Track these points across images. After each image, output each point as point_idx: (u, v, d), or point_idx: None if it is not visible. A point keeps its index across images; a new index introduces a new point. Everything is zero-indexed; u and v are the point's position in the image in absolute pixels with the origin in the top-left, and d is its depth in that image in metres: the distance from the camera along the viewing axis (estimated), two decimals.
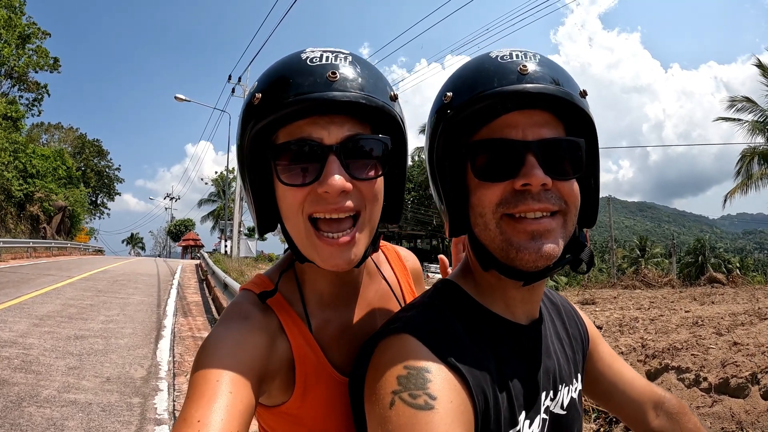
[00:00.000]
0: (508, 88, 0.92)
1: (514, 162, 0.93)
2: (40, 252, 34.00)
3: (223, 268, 18.38)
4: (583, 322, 1.29)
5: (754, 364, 4.71)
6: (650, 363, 5.53)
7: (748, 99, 26.71)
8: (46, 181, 42.03)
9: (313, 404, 1.07)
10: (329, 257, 0.99)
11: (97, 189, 68.02)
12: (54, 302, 12.64)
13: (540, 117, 0.95)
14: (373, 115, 1.02)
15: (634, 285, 18.48)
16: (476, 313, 1.01)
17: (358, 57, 1.05)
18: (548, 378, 1.05)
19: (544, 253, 0.91)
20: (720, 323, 7.12)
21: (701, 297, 12.20)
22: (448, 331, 0.94)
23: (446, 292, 1.06)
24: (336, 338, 1.13)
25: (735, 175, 27.66)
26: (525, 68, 0.94)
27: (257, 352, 0.97)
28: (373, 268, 1.28)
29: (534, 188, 0.91)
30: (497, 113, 0.95)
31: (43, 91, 47.81)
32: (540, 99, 0.93)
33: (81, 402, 5.83)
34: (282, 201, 1.03)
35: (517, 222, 0.93)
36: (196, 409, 0.82)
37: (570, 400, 1.10)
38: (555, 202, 0.93)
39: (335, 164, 0.96)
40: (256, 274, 1.21)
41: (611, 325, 8.19)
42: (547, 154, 0.93)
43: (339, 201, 0.97)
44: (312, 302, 1.14)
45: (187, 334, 10.22)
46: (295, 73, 0.98)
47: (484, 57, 1.01)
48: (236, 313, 1.05)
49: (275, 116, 0.96)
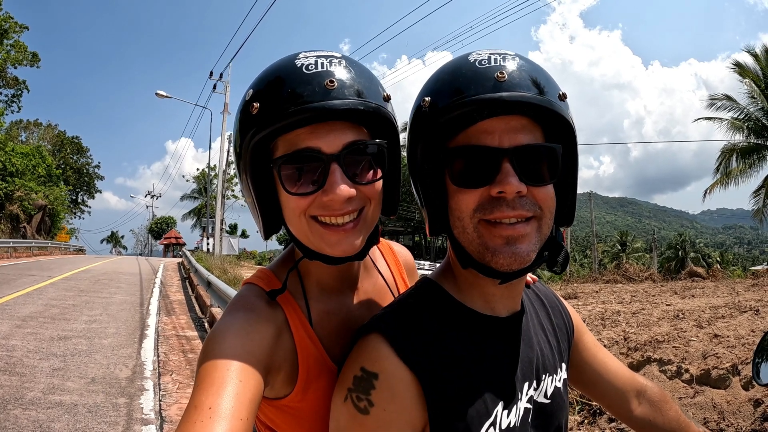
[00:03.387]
0: (485, 96, 0.93)
1: (489, 169, 0.94)
2: (20, 252, 33.43)
3: (206, 266, 18.29)
4: (568, 313, 1.32)
5: (734, 355, 4.80)
6: (633, 355, 5.62)
7: (728, 97, 27.04)
8: (26, 179, 41.36)
9: (314, 398, 1.09)
10: (337, 243, 1.03)
11: (77, 187, 67.02)
12: (36, 303, 12.47)
13: (517, 122, 0.96)
14: (369, 118, 1.04)
15: (616, 279, 18.67)
16: (454, 309, 1.05)
17: (351, 60, 1.07)
18: (530, 368, 1.09)
19: (518, 257, 0.94)
20: (701, 316, 7.25)
21: (682, 291, 12.37)
22: (418, 331, 0.99)
23: (426, 290, 1.10)
24: (335, 332, 1.16)
25: (714, 172, 28.03)
26: (502, 75, 0.94)
27: (264, 343, 1.00)
28: (369, 263, 1.32)
29: (509, 195, 0.93)
30: (474, 120, 0.96)
31: (22, 87, 47.15)
32: (518, 106, 0.93)
33: (67, 403, 5.77)
34: (286, 207, 1.06)
35: (493, 227, 0.95)
36: (207, 396, 0.84)
37: (554, 389, 1.14)
38: (530, 208, 0.95)
39: (338, 173, 0.99)
40: (260, 269, 1.23)
41: (594, 318, 8.30)
42: (523, 160, 0.94)
43: (344, 207, 1.01)
44: (313, 297, 1.16)
45: (171, 333, 10.14)
46: (293, 81, 1.00)
47: (462, 60, 1.02)
48: (243, 304, 1.07)
49: (276, 127, 0.98)
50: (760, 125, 26.22)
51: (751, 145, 26.49)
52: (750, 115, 26.43)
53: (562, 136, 1.01)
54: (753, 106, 26.38)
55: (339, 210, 1.00)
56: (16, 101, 47.00)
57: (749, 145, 26.55)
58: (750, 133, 26.47)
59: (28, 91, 47.73)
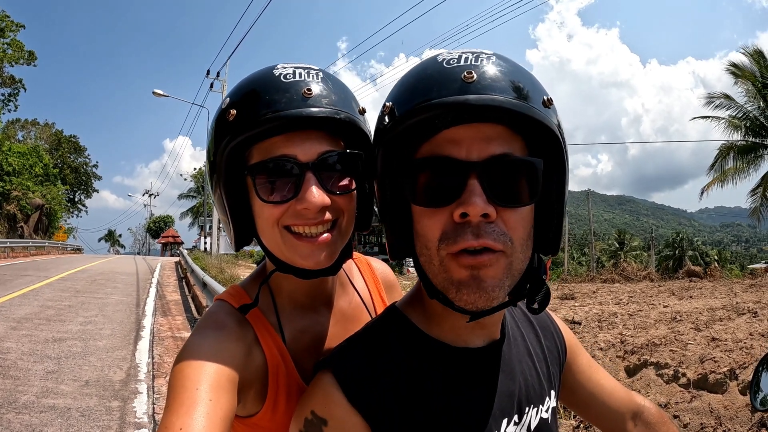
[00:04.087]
0: (447, 99, 0.79)
1: (453, 186, 0.81)
2: (17, 252, 33.37)
3: (203, 265, 18.25)
4: (560, 333, 1.23)
5: (732, 359, 4.78)
6: (629, 359, 5.60)
7: (726, 96, 27.00)
8: (23, 178, 41.31)
9: (283, 416, 1.08)
10: (309, 255, 1.01)
11: (74, 186, 66.84)
12: (32, 304, 12.45)
13: (491, 131, 0.82)
14: (345, 129, 1.04)
15: (613, 279, 18.72)
16: (421, 343, 0.95)
17: (327, 73, 1.08)
18: (510, 402, 0.98)
19: (484, 293, 0.81)
20: (698, 318, 7.24)
21: (680, 291, 12.38)
22: (377, 370, 0.90)
23: (390, 321, 1.00)
24: (308, 350, 1.15)
25: (711, 170, 28.03)
26: (470, 75, 0.80)
27: (234, 361, 0.99)
28: (345, 279, 1.31)
29: (473, 219, 0.79)
30: (437, 128, 0.84)
31: (19, 86, 47.03)
32: (489, 111, 0.80)
33: (60, 407, 5.74)
34: (259, 216, 1.05)
35: (457, 257, 0.81)
36: (177, 417, 0.83)
37: (539, 421, 1.04)
38: (498, 239, 0.80)
39: (312, 181, 0.98)
40: (231, 285, 1.23)
41: (590, 320, 8.28)
42: (494, 176, 0.81)
43: (317, 216, 1.00)
44: (285, 313, 1.16)
45: (167, 334, 10.12)
46: (270, 89, 1.00)
47: (430, 61, 0.89)
48: (212, 322, 1.07)
49: (252, 133, 0.97)
50: (758, 124, 26.22)
51: (749, 144, 26.49)
52: (747, 114, 26.43)
53: (546, 148, 0.87)
54: (750, 105, 26.40)
55: (313, 219, 1.00)
56: (13, 100, 46.93)
57: (747, 144, 26.54)
58: (748, 132, 26.48)
59: (25, 90, 47.74)
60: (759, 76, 25.99)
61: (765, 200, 26.29)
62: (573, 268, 40.25)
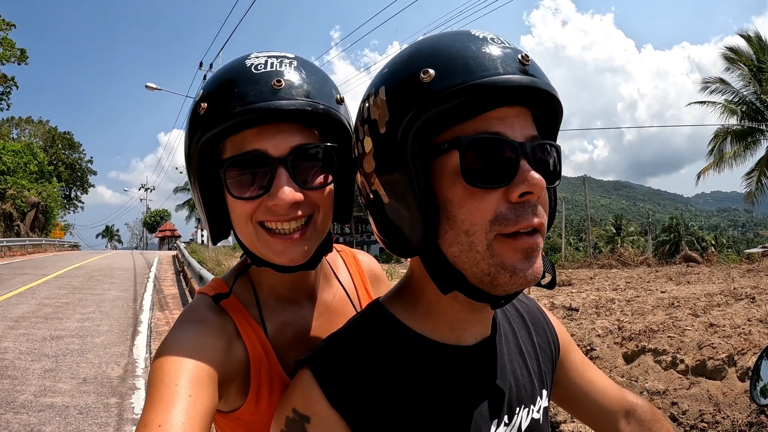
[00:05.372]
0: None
1: (508, 166, 0.78)
2: (14, 250, 33.32)
3: (200, 258, 18.27)
4: (553, 330, 1.20)
5: (730, 345, 4.78)
6: (627, 345, 5.59)
7: (722, 80, 26.99)
8: (18, 177, 41.22)
9: (267, 411, 1.07)
10: (283, 251, 1.00)
11: (70, 183, 66.78)
12: (29, 302, 12.45)
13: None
14: (320, 120, 1.02)
15: (611, 264, 18.75)
16: (402, 337, 0.91)
17: (303, 61, 1.06)
18: (500, 403, 0.95)
19: (536, 273, 0.80)
20: (696, 304, 7.23)
21: (677, 276, 12.39)
22: (358, 369, 0.87)
23: (370, 317, 0.96)
24: (292, 343, 1.14)
25: (708, 154, 28.06)
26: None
27: (215, 355, 0.97)
28: (330, 273, 1.29)
29: (533, 198, 0.79)
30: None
31: (11, 84, 46.82)
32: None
33: (58, 405, 5.75)
34: (232, 211, 1.03)
35: (512, 239, 0.78)
36: (156, 414, 0.81)
37: (531, 422, 1.01)
38: (543, 218, 0.81)
39: (284, 177, 0.96)
40: (213, 278, 1.22)
41: (588, 307, 8.27)
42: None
43: (290, 212, 0.98)
44: (268, 306, 1.14)
45: (165, 329, 10.09)
46: (240, 81, 0.98)
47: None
48: (192, 316, 1.05)
49: (222, 127, 0.96)
50: (754, 109, 26.22)
51: (745, 129, 26.51)
52: (743, 99, 26.43)
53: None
54: (746, 89, 26.40)
55: (285, 215, 0.98)
56: (5, 99, 46.76)
57: (743, 129, 26.57)
58: (744, 117, 26.49)
59: (18, 88, 47.54)
60: (755, 60, 25.97)
61: (760, 184, 26.36)
62: (570, 254, 40.33)
